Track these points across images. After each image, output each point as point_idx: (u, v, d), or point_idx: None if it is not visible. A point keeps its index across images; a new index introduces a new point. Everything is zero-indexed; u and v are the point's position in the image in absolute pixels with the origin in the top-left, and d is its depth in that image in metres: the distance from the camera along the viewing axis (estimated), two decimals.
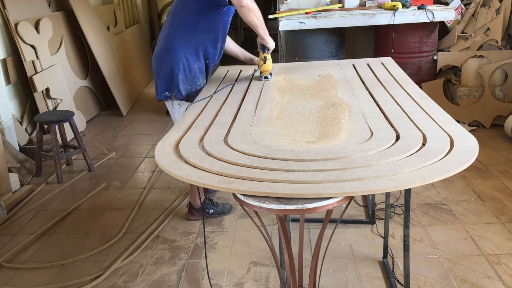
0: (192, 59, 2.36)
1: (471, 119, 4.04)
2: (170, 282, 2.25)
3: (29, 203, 3.16)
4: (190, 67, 2.36)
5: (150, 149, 4.05)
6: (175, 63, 2.33)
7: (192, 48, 2.35)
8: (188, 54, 2.35)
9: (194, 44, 2.35)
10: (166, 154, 1.48)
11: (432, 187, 3.03)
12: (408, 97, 1.92)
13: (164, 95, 2.40)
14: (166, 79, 2.37)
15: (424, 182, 1.21)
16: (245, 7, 2.17)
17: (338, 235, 2.55)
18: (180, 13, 2.36)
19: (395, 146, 1.43)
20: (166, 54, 2.36)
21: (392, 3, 4.03)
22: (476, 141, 1.41)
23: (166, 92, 2.40)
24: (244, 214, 2.83)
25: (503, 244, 2.38)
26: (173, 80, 2.36)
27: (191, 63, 2.36)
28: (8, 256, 2.52)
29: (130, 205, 3.05)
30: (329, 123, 1.66)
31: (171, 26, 2.38)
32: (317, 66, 2.65)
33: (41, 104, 4.04)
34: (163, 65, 2.37)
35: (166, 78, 2.37)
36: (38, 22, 4.14)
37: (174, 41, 2.34)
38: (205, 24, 2.33)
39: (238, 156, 1.41)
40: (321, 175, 1.25)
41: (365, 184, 1.20)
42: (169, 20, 2.41)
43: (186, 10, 2.34)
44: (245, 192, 1.24)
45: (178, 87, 2.36)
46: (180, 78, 2.35)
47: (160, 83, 2.40)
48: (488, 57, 3.99)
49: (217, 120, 1.78)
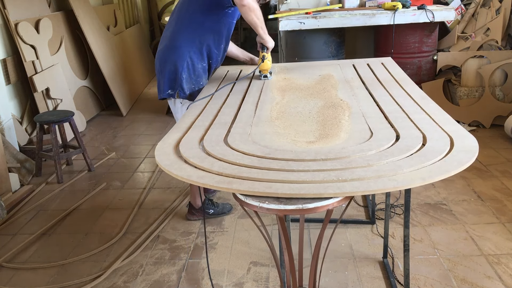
0: (196, 58, 2.37)
1: (471, 119, 4.04)
2: (170, 282, 2.25)
3: (29, 203, 3.16)
4: (194, 66, 2.37)
5: (150, 149, 4.05)
6: (180, 61, 2.34)
7: (196, 48, 2.36)
8: (193, 54, 2.36)
9: (199, 44, 2.36)
10: (166, 154, 1.48)
11: (432, 187, 3.03)
12: (408, 97, 1.91)
13: (167, 93, 2.41)
14: (169, 77, 2.38)
15: (424, 182, 1.21)
16: (246, 6, 2.19)
17: (338, 235, 2.55)
18: (185, 13, 2.37)
19: (395, 146, 1.43)
20: (171, 52, 2.36)
21: (392, 3, 4.03)
22: (476, 141, 1.41)
23: (169, 90, 2.40)
24: (244, 214, 2.83)
25: (503, 244, 2.38)
26: (177, 79, 2.36)
27: (195, 63, 2.37)
28: (8, 256, 2.52)
29: (130, 205, 3.05)
30: (329, 123, 1.66)
31: (176, 25, 2.38)
32: (317, 66, 2.65)
33: (41, 104, 4.04)
34: (167, 63, 2.37)
35: (170, 76, 2.38)
36: (38, 22, 4.14)
37: (179, 40, 2.35)
38: (210, 24, 2.34)
39: (238, 156, 1.41)
40: (321, 175, 1.25)
41: (365, 184, 1.20)
42: (174, 19, 2.42)
43: (192, 10, 2.35)
44: (245, 192, 1.24)
45: (182, 86, 2.37)
46: (184, 77, 2.36)
47: (163, 81, 2.41)
48: (488, 57, 3.99)
49: (217, 120, 1.78)
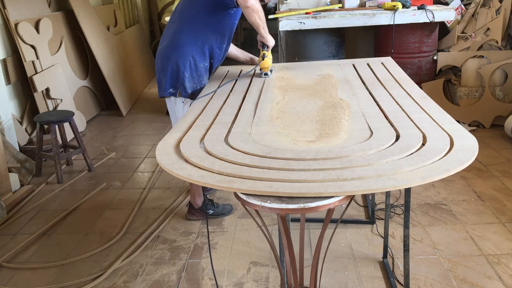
0: (198, 57, 2.38)
1: (471, 119, 4.04)
2: (170, 282, 2.25)
3: (29, 203, 3.16)
4: (196, 65, 2.38)
5: (150, 149, 4.05)
6: (182, 60, 2.35)
7: (199, 47, 2.37)
8: (195, 53, 2.37)
9: (201, 43, 2.37)
10: (167, 153, 1.48)
11: (432, 187, 3.03)
12: (408, 96, 1.92)
13: (169, 91, 2.41)
14: (171, 76, 2.38)
15: (423, 181, 1.21)
16: (250, 8, 2.21)
17: (338, 235, 2.55)
18: (188, 12, 2.38)
19: (395, 145, 1.43)
20: (173, 50, 2.37)
21: (392, 3, 4.03)
22: (476, 141, 1.42)
23: (170, 88, 2.41)
24: (244, 214, 2.83)
25: (503, 244, 2.38)
26: (179, 77, 2.37)
27: (197, 62, 2.38)
28: (8, 256, 2.52)
29: (130, 205, 3.05)
30: (329, 123, 1.66)
31: (179, 24, 2.39)
32: (317, 66, 2.65)
33: (41, 104, 4.04)
34: (168, 61, 2.38)
35: (172, 74, 2.38)
36: (38, 22, 4.14)
37: (182, 39, 2.35)
38: (213, 24, 2.35)
39: (239, 156, 1.41)
40: (321, 174, 1.26)
41: (365, 183, 1.20)
42: (177, 18, 2.43)
43: (195, 10, 2.36)
44: (246, 191, 1.24)
45: (184, 84, 2.38)
46: (186, 76, 2.36)
47: (164, 80, 2.41)
48: (488, 57, 3.99)
49: (218, 120, 1.78)
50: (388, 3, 4.05)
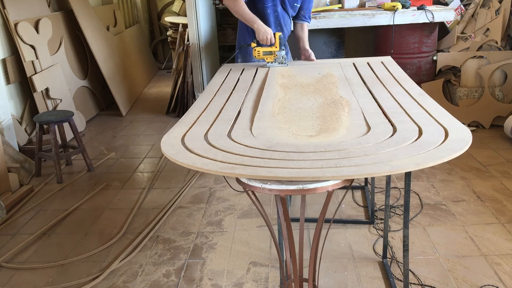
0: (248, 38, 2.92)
1: (470, 119, 4.05)
2: (170, 282, 2.25)
3: (28, 203, 3.15)
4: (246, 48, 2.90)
5: (150, 149, 4.05)
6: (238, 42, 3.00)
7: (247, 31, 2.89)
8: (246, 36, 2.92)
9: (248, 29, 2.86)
10: (172, 145, 1.52)
11: (431, 187, 3.03)
12: (406, 94, 1.97)
13: None
14: None
15: (418, 167, 1.26)
16: None
17: (337, 235, 2.55)
18: None
19: (392, 138, 1.48)
20: None
21: (391, 3, 4.03)
22: (470, 132, 1.47)
23: None
24: (244, 214, 2.83)
25: (502, 245, 2.38)
26: None
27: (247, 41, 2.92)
28: (7, 256, 2.52)
29: (130, 205, 3.04)
30: (329, 119, 1.70)
31: None
32: (318, 65, 2.69)
33: (41, 104, 4.04)
34: None
35: None
36: (38, 22, 4.13)
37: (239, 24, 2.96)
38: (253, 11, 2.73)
39: (241, 149, 1.45)
40: (320, 163, 1.30)
41: (361, 168, 1.25)
42: None
43: None
44: (247, 176, 1.29)
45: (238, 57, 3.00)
46: None
47: None
48: (487, 58, 3.99)
49: (221, 116, 1.82)
50: (387, 4, 4.06)
